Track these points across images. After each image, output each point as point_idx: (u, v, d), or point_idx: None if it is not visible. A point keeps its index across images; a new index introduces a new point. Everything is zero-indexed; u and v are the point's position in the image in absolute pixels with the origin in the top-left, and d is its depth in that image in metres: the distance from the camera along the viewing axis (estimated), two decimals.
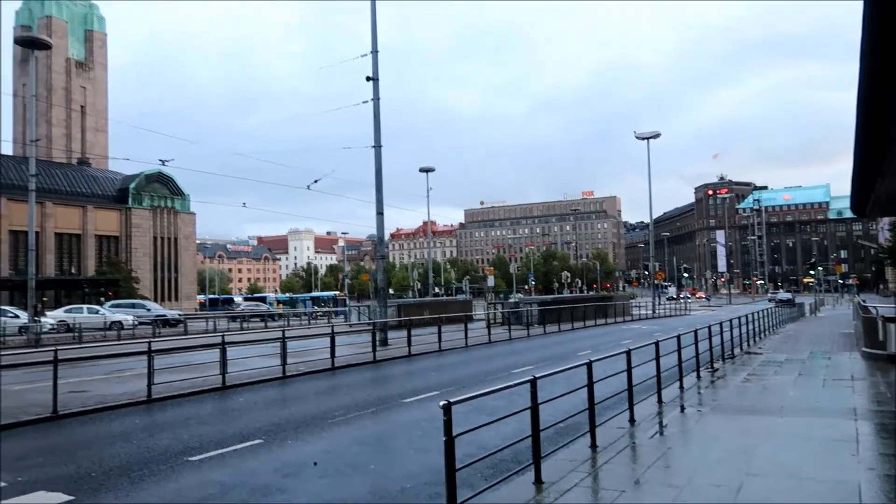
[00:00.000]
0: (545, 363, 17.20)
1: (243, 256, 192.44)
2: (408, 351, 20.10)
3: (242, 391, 13.58)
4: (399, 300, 47.57)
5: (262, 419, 10.49)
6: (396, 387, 14.31)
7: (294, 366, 15.93)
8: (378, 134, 24.83)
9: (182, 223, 78.97)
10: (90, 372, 17.25)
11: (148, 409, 11.82)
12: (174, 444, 8.84)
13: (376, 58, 24.80)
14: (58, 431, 10.13)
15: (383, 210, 24.81)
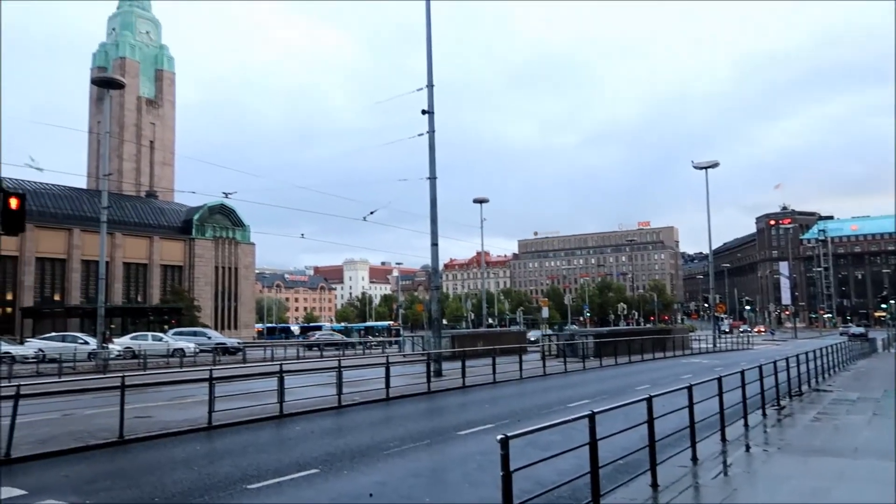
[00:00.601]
0: (602, 397, 16.86)
1: (300, 286, 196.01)
2: (462, 382, 20.02)
3: (299, 420, 13.74)
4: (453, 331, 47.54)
5: (319, 448, 10.58)
6: (451, 419, 14.25)
7: (349, 395, 16.05)
8: (433, 166, 25.15)
9: (242, 253, 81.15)
10: (154, 398, 17.76)
11: (208, 436, 12.08)
12: (233, 472, 9.00)
13: (431, 91, 25.25)
14: (123, 456, 10.44)
15: (438, 241, 25.00)
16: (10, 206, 10.80)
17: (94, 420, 13.47)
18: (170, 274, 74.09)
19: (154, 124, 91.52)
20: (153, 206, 77.48)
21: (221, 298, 78.39)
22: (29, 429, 11.60)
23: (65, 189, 68.39)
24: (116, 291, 66.51)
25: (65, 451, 10.50)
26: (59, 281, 64.41)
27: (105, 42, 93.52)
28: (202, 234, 76.69)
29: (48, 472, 9.20)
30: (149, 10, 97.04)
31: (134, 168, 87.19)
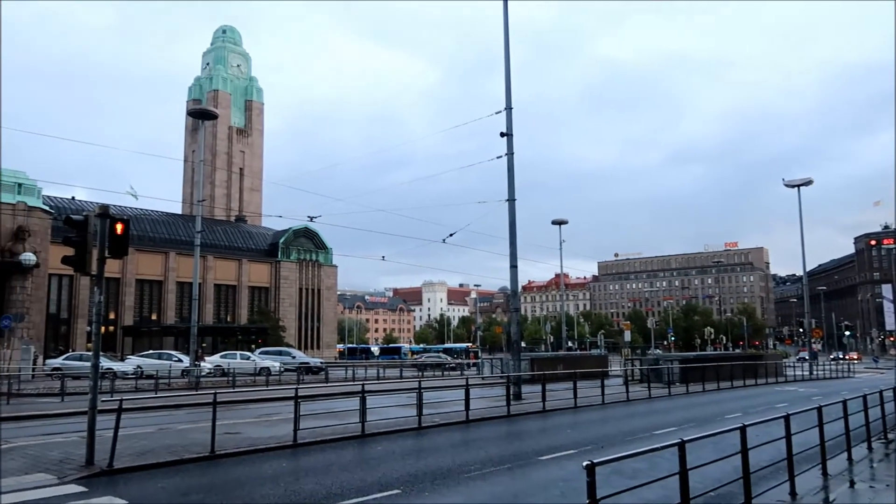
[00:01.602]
0: (689, 425, 16.22)
1: (379, 307, 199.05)
2: (542, 406, 19.72)
3: (380, 440, 13.89)
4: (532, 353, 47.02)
5: (400, 469, 10.65)
6: (532, 443, 14.05)
7: (429, 417, 16.11)
8: (512, 188, 25.17)
9: (325, 275, 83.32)
10: (242, 415, 18.38)
11: (294, 453, 12.37)
12: (318, 489, 9.18)
13: (510, 114, 25.36)
14: (215, 470, 10.84)
15: (517, 263, 24.91)
16: (115, 231, 11.52)
17: (188, 435, 14.07)
18: (257, 295, 76.88)
19: (243, 152, 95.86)
20: (242, 230, 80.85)
21: (305, 319, 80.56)
22: (129, 441, 12.24)
23: (162, 214, 72.44)
24: (208, 311, 69.51)
25: (161, 463, 11.00)
26: (156, 301, 68.02)
27: (200, 76, 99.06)
28: (287, 256, 79.28)
29: (146, 484, 9.65)
30: (240, 44, 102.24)
31: (225, 194, 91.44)
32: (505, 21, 25.78)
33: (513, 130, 25.31)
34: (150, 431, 14.65)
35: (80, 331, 59.72)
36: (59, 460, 11.11)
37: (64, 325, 59.83)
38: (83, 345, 56.99)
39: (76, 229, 11.46)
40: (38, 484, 9.39)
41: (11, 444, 13.24)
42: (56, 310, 58.74)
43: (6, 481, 9.55)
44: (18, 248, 45.39)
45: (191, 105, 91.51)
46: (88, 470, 10.21)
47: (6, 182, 47.05)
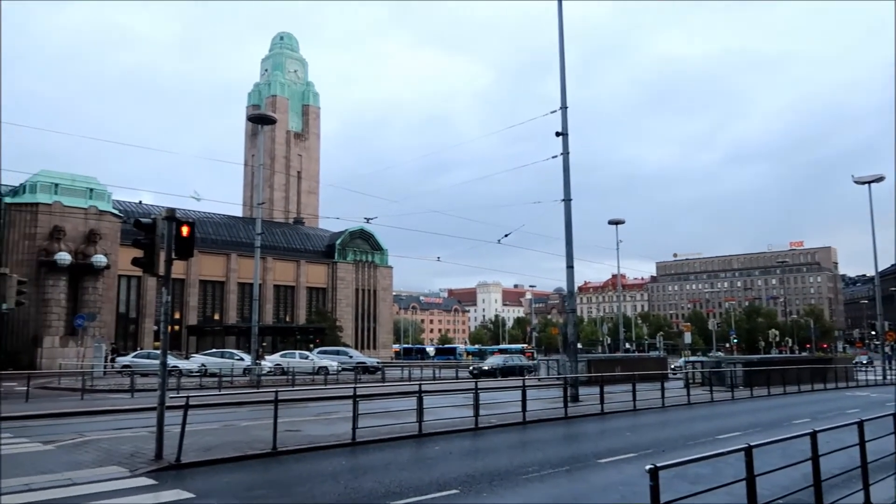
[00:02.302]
0: (754, 430, 15.72)
1: (434, 308, 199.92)
2: (600, 408, 19.45)
3: (437, 440, 13.95)
4: (588, 355, 46.40)
5: (458, 469, 10.67)
6: (590, 445, 13.87)
7: (486, 418, 16.08)
8: (568, 188, 24.91)
9: (381, 276, 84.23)
10: (302, 413, 18.75)
11: (352, 452, 12.55)
12: (377, 488, 9.28)
13: (565, 114, 25.11)
14: (277, 466, 11.09)
15: (573, 263, 24.64)
16: (181, 234, 11.93)
17: (251, 431, 14.44)
18: (314, 295, 78.30)
19: (301, 156, 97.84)
20: (300, 232, 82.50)
21: (361, 319, 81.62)
22: (195, 437, 12.65)
23: (223, 217, 74.58)
24: (267, 312, 71.17)
25: (225, 459, 11.33)
26: (218, 301, 70.07)
27: (259, 82, 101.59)
28: (344, 258, 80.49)
29: (212, 478, 9.95)
30: (297, 50, 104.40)
31: (283, 197, 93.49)
32: (560, 19, 25.55)
33: (568, 130, 25.05)
34: (215, 428, 15.10)
35: (148, 329, 62.03)
36: (130, 454, 11.56)
37: (132, 324, 62.26)
38: (150, 343, 59.19)
39: (145, 232, 11.91)
40: (111, 476, 9.80)
41: (86, 437, 13.86)
42: (125, 309, 61.18)
43: (82, 473, 10.00)
44: (90, 250, 47.49)
45: (250, 111, 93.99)
46: (157, 464, 10.60)
47: (78, 187, 49.30)
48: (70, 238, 47.14)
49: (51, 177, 48.42)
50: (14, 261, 43.74)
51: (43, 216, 46.68)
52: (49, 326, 45.19)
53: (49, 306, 45.36)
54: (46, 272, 45.46)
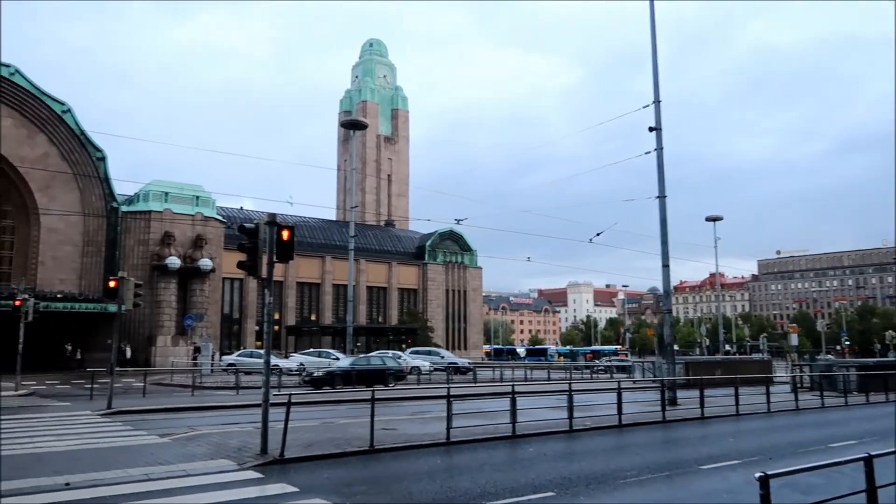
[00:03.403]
0: (871, 439, 14.71)
1: (524, 309, 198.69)
2: (700, 413, 18.74)
3: (531, 441, 13.87)
4: (686, 357, 44.80)
5: (553, 471, 10.58)
6: (690, 451, 13.40)
7: (580, 420, 15.85)
8: (662, 184, 24.19)
9: (470, 277, 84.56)
10: (396, 412, 19.11)
11: (447, 451, 12.68)
12: (472, 488, 9.34)
13: (658, 108, 24.40)
14: (375, 464, 11.37)
15: (669, 262, 23.88)
16: (282, 238, 12.45)
17: (348, 429, 14.86)
18: (406, 296, 79.57)
19: (391, 159, 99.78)
20: (391, 234, 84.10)
21: (452, 320, 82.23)
22: (296, 433, 13.14)
23: (318, 221, 77.07)
24: (361, 312, 72.94)
25: (325, 455, 11.72)
26: (314, 302, 72.46)
27: (350, 88, 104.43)
28: (434, 259, 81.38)
29: (314, 473, 10.32)
30: (385, 55, 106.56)
31: (374, 200, 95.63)
32: (651, 11, 24.85)
33: (661, 125, 24.34)
34: (315, 425, 15.63)
35: (249, 329, 64.96)
36: (237, 448, 12.17)
37: (236, 324, 65.37)
38: (252, 342, 61.96)
39: (248, 236, 12.50)
40: (221, 469, 10.36)
41: (198, 431, 14.70)
42: (229, 310, 64.32)
43: (195, 465, 10.62)
44: (197, 254, 50.25)
45: (342, 117, 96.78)
46: (263, 458, 11.10)
47: (186, 195, 52.28)
48: (179, 243, 50.06)
49: (161, 186, 51.63)
50: (130, 265, 46.88)
51: (155, 223, 49.82)
52: (161, 326, 48.18)
53: (161, 307, 48.36)
54: (158, 275, 48.48)
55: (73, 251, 46.73)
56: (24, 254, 46.11)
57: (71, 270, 46.39)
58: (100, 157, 47.74)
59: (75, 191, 46.80)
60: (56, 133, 46.23)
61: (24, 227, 46.18)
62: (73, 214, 46.20)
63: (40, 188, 45.57)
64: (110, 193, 48.22)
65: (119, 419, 17.13)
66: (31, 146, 45.43)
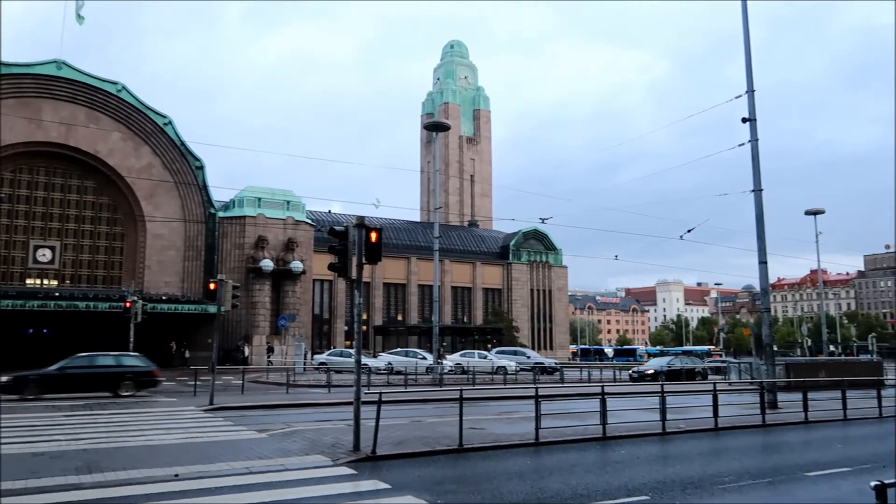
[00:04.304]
0: None
1: (611, 308, 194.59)
2: (803, 417, 17.78)
3: (623, 443, 13.57)
4: (786, 358, 42.58)
5: (646, 475, 10.31)
6: (794, 457, 12.75)
7: (673, 422, 15.37)
8: (758, 177, 23.10)
9: (555, 276, 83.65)
10: (483, 411, 19.13)
11: (536, 452, 12.59)
12: (563, 489, 9.23)
13: (752, 97, 23.30)
14: (464, 463, 11.43)
15: (766, 258, 22.78)
16: (370, 240, 12.73)
17: (437, 428, 15.01)
18: (490, 296, 79.61)
19: (473, 159, 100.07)
20: (475, 234, 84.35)
21: (537, 319, 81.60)
22: (386, 431, 13.38)
23: (403, 223, 78.30)
24: (446, 312, 73.57)
25: (415, 453, 11.89)
26: (400, 303, 73.69)
27: (432, 91, 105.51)
28: (518, 258, 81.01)
29: (404, 471, 10.49)
30: (466, 56, 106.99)
31: (458, 200, 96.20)
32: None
33: (756, 115, 23.24)
34: (404, 423, 15.88)
35: (339, 329, 66.80)
36: (331, 444, 12.53)
37: (326, 325, 67.38)
38: (341, 342, 63.69)
39: (338, 239, 12.84)
40: (316, 464, 10.70)
41: (293, 427, 15.25)
42: (319, 311, 66.37)
43: (292, 460, 11.01)
44: (289, 257, 52.13)
45: (425, 119, 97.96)
46: (356, 455, 11.38)
47: (277, 200, 54.35)
48: (272, 246, 52.08)
49: (255, 192, 53.90)
50: (227, 268, 49.19)
51: (249, 227, 52.06)
52: (257, 326, 50.27)
53: (256, 308, 50.48)
54: (253, 278, 50.61)
55: (175, 255, 49.49)
56: (132, 258, 49.23)
57: (174, 273, 49.13)
58: (198, 166, 50.32)
59: (177, 198, 49.55)
60: (159, 144, 49.11)
61: (132, 233, 49.30)
62: (175, 221, 48.94)
63: (145, 196, 48.52)
64: (208, 200, 50.75)
65: (220, 415, 17.99)
66: (137, 157, 48.47)
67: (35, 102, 45.19)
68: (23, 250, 46.69)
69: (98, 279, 48.79)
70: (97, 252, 49.12)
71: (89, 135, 46.52)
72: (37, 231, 47.26)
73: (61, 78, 45.94)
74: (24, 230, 46.87)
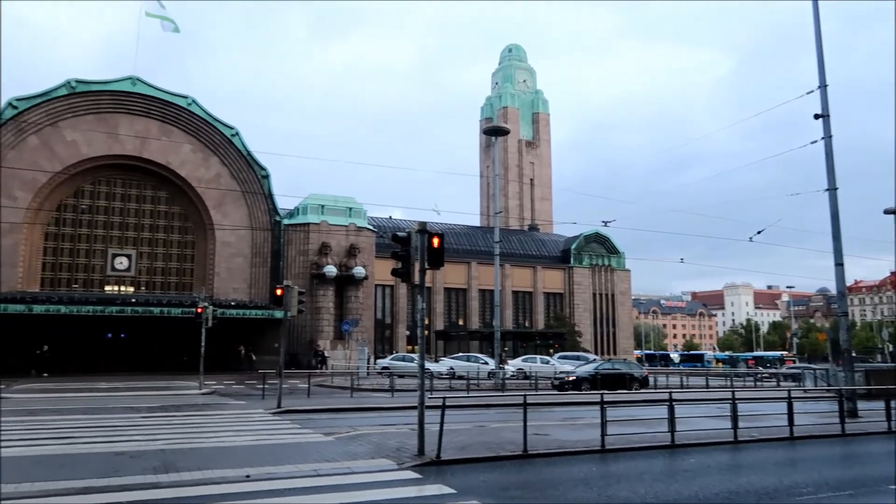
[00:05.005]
0: None
1: (677, 312, 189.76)
2: (887, 426, 16.89)
3: (692, 451, 13.21)
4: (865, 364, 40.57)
5: (718, 484, 10.01)
6: (877, 468, 12.13)
7: (746, 430, 14.87)
8: (832, 176, 22.15)
9: (618, 280, 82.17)
10: (546, 417, 18.95)
11: (602, 459, 12.39)
12: (631, 497, 9.06)
13: (825, 93, 22.39)
14: (529, 469, 11.35)
15: (843, 260, 21.80)
16: (432, 245, 12.82)
17: (500, 433, 14.96)
18: (551, 300, 78.83)
19: (533, 163, 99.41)
20: (535, 238, 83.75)
21: (599, 324, 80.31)
22: (450, 435, 13.44)
23: (463, 227, 78.43)
24: (507, 317, 73.22)
25: (479, 458, 11.88)
26: (461, 307, 73.78)
27: (490, 95, 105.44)
28: (579, 262, 79.99)
29: (469, 476, 10.49)
30: (525, 60, 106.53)
31: (517, 204, 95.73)
32: None
33: (829, 111, 22.31)
34: (467, 428, 15.90)
35: (400, 334, 67.35)
36: (396, 448, 12.66)
37: (387, 329, 68.04)
38: (403, 346, 64.19)
39: (401, 244, 12.99)
40: (382, 468, 10.82)
41: (358, 430, 15.47)
42: (381, 315, 67.09)
43: (358, 463, 11.17)
44: (351, 262, 52.96)
45: (483, 124, 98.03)
46: (420, 459, 11.46)
47: (340, 207, 55.33)
48: (335, 252, 53.04)
49: (318, 199, 55.04)
50: (292, 274, 50.37)
51: (313, 234, 53.17)
52: (321, 331, 51.26)
53: (321, 313, 51.48)
54: (317, 283, 51.64)
55: (243, 262, 51.03)
56: (202, 265, 51.02)
57: (242, 280, 50.65)
58: (264, 175, 51.77)
59: (244, 207, 51.10)
60: (227, 155, 50.79)
61: (203, 241, 51.10)
62: (242, 229, 50.47)
63: (214, 205, 50.23)
64: (273, 208, 52.14)
65: (287, 418, 18.41)
66: (206, 168, 50.26)
67: (112, 118, 47.50)
68: (102, 258, 49.02)
69: (171, 286, 50.77)
70: (170, 259, 51.14)
71: (162, 147, 48.54)
72: (115, 240, 49.56)
73: (136, 93, 48.13)
74: (103, 239, 49.24)
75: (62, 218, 48.19)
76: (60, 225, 48.13)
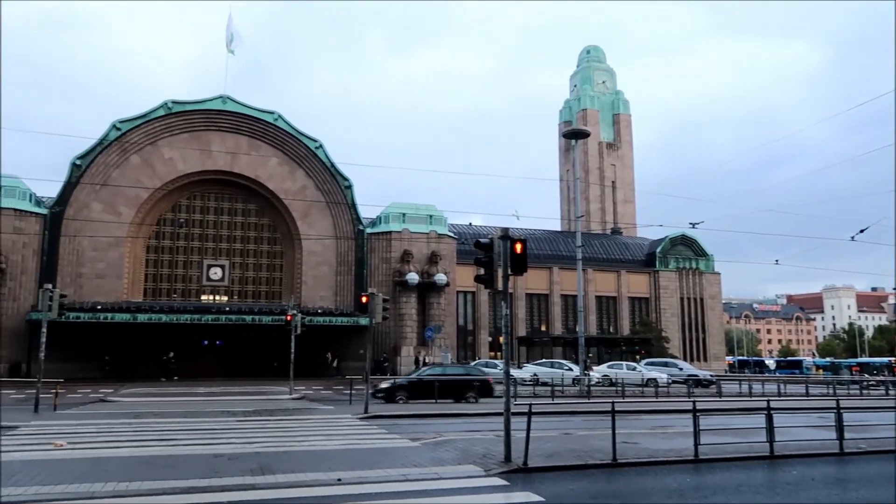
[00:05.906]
0: None
1: (771, 316, 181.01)
2: None
3: (794, 463, 12.56)
4: None
5: (822, 498, 9.49)
6: None
7: (852, 441, 14.01)
8: None
9: (707, 283, 79.23)
10: (635, 425, 18.46)
11: (696, 469, 11.96)
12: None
13: None
14: (619, 478, 11.09)
15: None
16: (515, 251, 12.77)
17: (588, 441, 14.70)
18: (637, 305, 76.86)
19: (614, 165, 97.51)
20: (618, 242, 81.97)
21: (688, 329, 77.66)
22: (536, 443, 13.27)
23: (543, 232, 77.74)
24: (590, 322, 71.94)
25: (567, 466, 11.71)
26: (543, 313, 73.04)
27: (569, 98, 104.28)
28: (665, 265, 77.68)
29: (557, 484, 10.36)
30: (604, 61, 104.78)
31: (599, 208, 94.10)
32: None
33: None
34: (553, 435, 15.71)
35: (483, 340, 67.34)
36: (482, 454, 12.66)
37: (469, 336, 68.20)
38: (485, 353, 64.13)
39: (483, 251, 13.02)
40: (468, 474, 10.85)
41: (444, 436, 15.57)
42: (463, 322, 67.34)
43: (445, 469, 11.24)
44: (433, 269, 53.45)
45: (562, 127, 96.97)
46: (507, 466, 11.41)
47: (420, 215, 56.01)
48: (416, 260, 53.71)
49: (399, 208, 55.94)
50: (376, 281, 51.36)
51: (395, 242, 54.07)
52: (405, 337, 51.98)
53: (404, 320, 52.21)
54: (400, 290, 52.41)
55: (328, 271, 52.46)
56: (290, 274, 52.79)
57: (328, 288, 52.06)
58: (347, 186, 53.10)
59: (328, 217, 52.57)
60: (311, 167, 52.45)
61: (290, 251, 52.90)
62: (327, 238, 51.93)
63: (301, 216, 51.93)
64: (357, 217, 53.37)
65: (375, 423, 18.76)
66: (293, 180, 52.06)
67: (205, 135, 50.02)
68: (198, 269, 51.58)
69: (261, 294, 52.80)
70: (260, 269, 53.22)
71: (251, 161, 50.67)
72: (209, 251, 52.04)
73: (226, 111, 50.50)
74: (198, 251, 51.81)
75: (161, 231, 51.06)
76: (160, 238, 51.01)
